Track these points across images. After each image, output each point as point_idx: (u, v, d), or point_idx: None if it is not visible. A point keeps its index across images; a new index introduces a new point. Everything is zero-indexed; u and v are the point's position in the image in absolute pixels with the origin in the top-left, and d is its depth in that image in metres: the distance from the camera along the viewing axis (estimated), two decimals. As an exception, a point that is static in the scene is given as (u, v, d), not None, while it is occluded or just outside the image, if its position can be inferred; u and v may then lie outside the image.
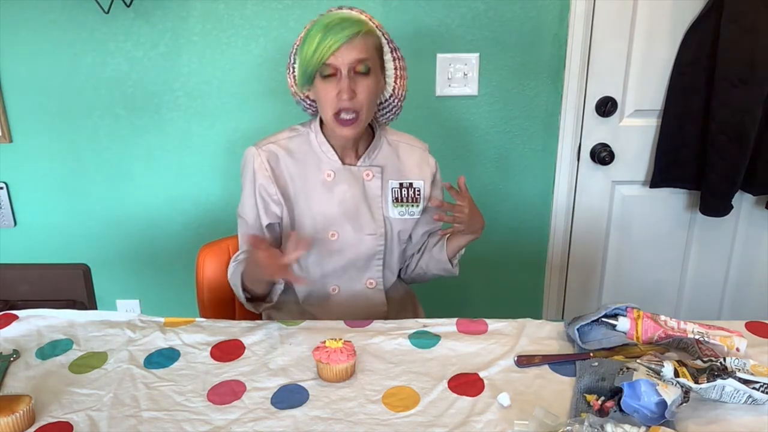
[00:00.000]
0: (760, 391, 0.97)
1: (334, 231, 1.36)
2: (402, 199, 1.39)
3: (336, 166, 1.36)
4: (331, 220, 1.36)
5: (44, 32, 1.91)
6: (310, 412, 1.01)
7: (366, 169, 1.37)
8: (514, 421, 0.95)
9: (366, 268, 1.41)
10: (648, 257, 2.11)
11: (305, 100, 1.36)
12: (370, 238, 1.38)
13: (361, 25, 1.22)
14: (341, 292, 1.42)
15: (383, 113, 1.39)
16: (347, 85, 1.22)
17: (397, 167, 1.41)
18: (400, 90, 1.34)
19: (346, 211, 1.36)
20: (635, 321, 1.16)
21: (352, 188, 1.36)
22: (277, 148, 1.36)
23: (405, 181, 1.40)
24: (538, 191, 2.05)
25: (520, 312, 1.35)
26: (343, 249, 1.37)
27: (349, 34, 1.19)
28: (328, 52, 1.20)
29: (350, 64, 1.22)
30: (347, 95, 1.22)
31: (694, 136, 1.87)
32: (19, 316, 1.29)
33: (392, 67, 1.30)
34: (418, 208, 1.42)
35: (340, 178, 1.36)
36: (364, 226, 1.37)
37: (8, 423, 0.95)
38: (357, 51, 1.21)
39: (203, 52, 1.92)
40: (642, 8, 1.83)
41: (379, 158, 1.40)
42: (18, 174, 2.09)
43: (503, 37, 1.89)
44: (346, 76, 1.22)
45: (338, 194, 1.36)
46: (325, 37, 1.20)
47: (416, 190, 1.40)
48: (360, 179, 1.37)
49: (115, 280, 2.20)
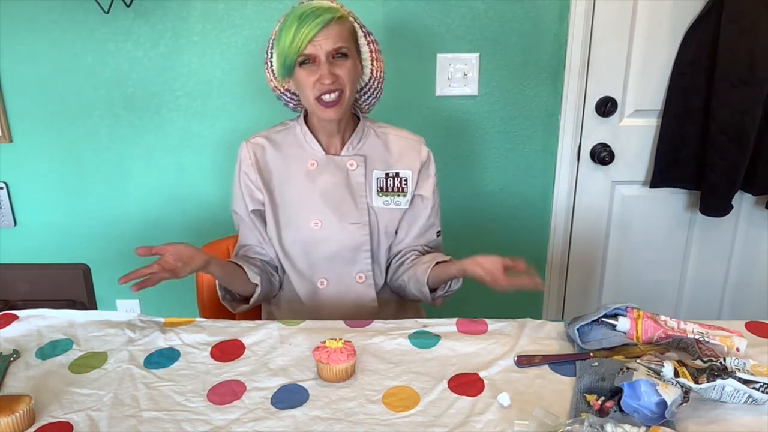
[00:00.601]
0: (760, 391, 0.97)
1: (317, 220, 1.38)
2: (387, 189, 1.40)
3: (319, 155, 1.39)
4: (313, 208, 1.38)
5: (44, 32, 1.91)
6: (310, 412, 1.01)
7: (350, 159, 1.39)
8: (514, 421, 0.95)
9: (354, 261, 1.41)
10: (648, 257, 2.11)
11: (286, 94, 1.39)
12: (354, 227, 1.38)
13: (335, 12, 1.25)
14: (329, 286, 1.42)
15: (365, 98, 1.41)
16: (327, 70, 1.25)
17: (384, 157, 1.41)
18: (378, 72, 1.36)
19: (329, 200, 1.38)
20: (635, 321, 1.16)
21: (335, 177, 1.38)
22: (265, 141, 1.41)
23: (391, 171, 1.40)
24: (538, 191, 2.05)
25: (520, 312, 1.35)
26: (327, 238, 1.38)
27: (323, 21, 1.22)
28: (305, 40, 1.23)
29: (328, 50, 1.25)
30: (329, 79, 1.25)
31: (694, 136, 1.87)
32: (19, 316, 1.29)
33: (367, 50, 1.33)
34: (404, 198, 1.41)
35: (323, 168, 1.38)
36: (347, 215, 1.38)
37: (8, 423, 0.95)
38: (333, 37, 1.25)
39: (203, 52, 1.92)
40: (642, 8, 1.84)
41: (365, 148, 1.41)
42: (18, 174, 2.09)
43: (503, 37, 1.89)
44: (325, 62, 1.25)
45: (321, 183, 1.38)
46: (300, 27, 1.23)
47: (402, 180, 1.40)
48: (344, 168, 1.39)
49: (115, 280, 2.18)
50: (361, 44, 1.33)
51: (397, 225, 1.43)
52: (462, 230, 2.05)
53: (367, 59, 1.34)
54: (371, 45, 1.34)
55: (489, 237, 2.10)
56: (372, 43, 1.34)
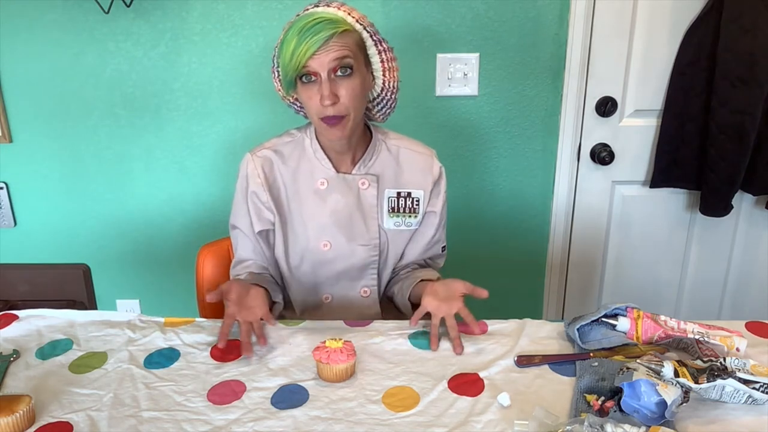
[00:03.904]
0: (760, 391, 0.97)
1: (326, 241, 1.33)
2: (398, 209, 1.35)
3: (330, 174, 1.33)
4: (323, 230, 1.33)
5: (44, 32, 1.91)
6: (310, 412, 1.01)
7: (361, 178, 1.33)
8: (514, 421, 0.95)
9: (360, 278, 1.38)
10: (648, 257, 2.11)
11: (295, 104, 1.33)
12: (362, 249, 1.34)
13: (337, 25, 1.16)
14: (334, 300, 1.40)
15: (378, 109, 1.33)
16: (329, 91, 1.17)
17: (396, 175, 1.36)
18: (391, 82, 1.27)
19: (339, 221, 1.33)
20: (635, 321, 1.16)
21: (346, 197, 1.33)
22: (272, 154, 1.34)
23: (403, 191, 1.35)
24: (538, 191, 2.05)
25: (520, 312, 1.35)
26: (335, 259, 1.35)
27: (323, 37, 1.14)
28: (304, 57, 1.15)
29: (329, 65, 1.17)
30: (329, 101, 1.17)
31: (694, 136, 1.87)
32: (19, 316, 1.29)
33: (378, 60, 1.24)
34: (415, 219, 1.37)
35: (333, 187, 1.33)
36: (357, 237, 1.34)
37: (8, 423, 0.95)
38: (334, 52, 1.16)
39: (203, 52, 1.92)
40: (642, 8, 1.84)
41: (376, 166, 1.35)
42: (18, 174, 2.09)
43: (503, 37, 1.89)
44: (326, 79, 1.17)
45: (331, 204, 1.33)
46: (300, 42, 1.14)
47: (414, 200, 1.35)
48: (355, 188, 1.33)
49: (115, 280, 2.20)
50: (371, 54, 1.24)
51: (406, 245, 1.40)
52: (462, 230, 2.05)
53: (379, 69, 1.25)
54: (383, 54, 1.24)
55: (489, 237, 2.10)
56: (384, 51, 1.24)
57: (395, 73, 1.27)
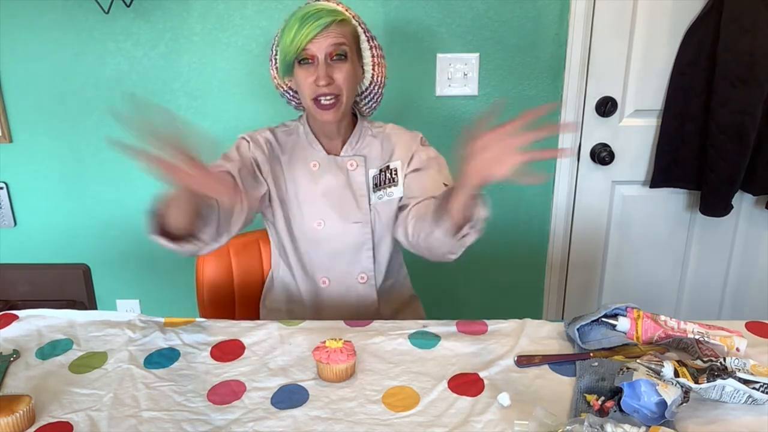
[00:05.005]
0: (760, 391, 0.97)
1: (320, 220, 1.39)
2: (381, 184, 1.40)
3: (321, 156, 1.40)
4: (316, 209, 1.39)
5: (44, 32, 1.91)
6: (310, 412, 1.01)
7: (349, 159, 1.40)
8: (514, 421, 0.95)
9: (356, 261, 1.41)
10: (648, 257, 2.11)
11: (288, 92, 1.40)
12: (356, 227, 1.39)
13: (336, 14, 1.26)
14: (331, 285, 1.43)
15: (366, 102, 1.42)
16: (324, 72, 1.25)
17: (382, 155, 1.42)
18: (379, 77, 1.37)
19: (331, 200, 1.39)
20: (635, 321, 1.16)
21: (337, 178, 1.39)
22: (272, 137, 1.41)
23: (383, 166, 1.41)
24: (538, 191, 2.05)
25: (520, 312, 1.35)
26: (329, 238, 1.39)
27: (324, 22, 1.24)
28: (304, 41, 1.24)
29: (326, 50, 1.25)
30: (324, 81, 1.25)
31: (694, 136, 1.87)
32: (19, 316, 1.29)
33: (369, 55, 1.34)
34: (396, 188, 1.41)
35: (325, 169, 1.39)
36: (349, 215, 1.39)
37: (8, 423, 0.95)
38: (332, 38, 1.25)
39: (203, 52, 1.92)
40: (642, 8, 1.84)
41: (363, 148, 1.42)
42: (18, 174, 2.09)
43: (503, 37, 1.89)
44: (323, 62, 1.26)
45: (323, 184, 1.39)
46: (301, 27, 1.24)
47: (393, 171, 1.41)
48: (344, 169, 1.40)
49: (115, 280, 2.20)
50: (363, 48, 1.34)
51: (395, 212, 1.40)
52: (462, 230, 2.05)
53: (369, 64, 1.35)
54: (374, 50, 1.34)
55: (489, 237, 2.09)
56: (375, 48, 1.34)
57: (383, 69, 1.37)
